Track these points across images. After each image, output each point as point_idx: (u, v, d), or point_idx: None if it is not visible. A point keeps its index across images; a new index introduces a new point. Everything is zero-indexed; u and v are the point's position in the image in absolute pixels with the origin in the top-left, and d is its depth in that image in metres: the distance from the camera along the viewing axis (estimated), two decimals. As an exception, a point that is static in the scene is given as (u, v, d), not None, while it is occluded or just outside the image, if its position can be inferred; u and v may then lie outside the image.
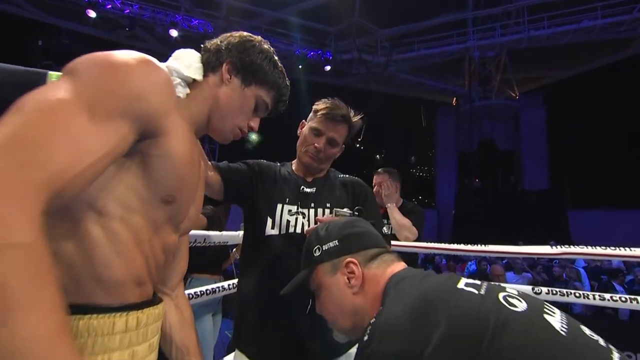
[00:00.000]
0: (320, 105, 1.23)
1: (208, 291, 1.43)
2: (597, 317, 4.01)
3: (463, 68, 15.25)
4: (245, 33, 0.80)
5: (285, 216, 1.13)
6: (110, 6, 10.37)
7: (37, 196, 0.40)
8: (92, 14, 10.17)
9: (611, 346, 0.58)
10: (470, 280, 0.65)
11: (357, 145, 19.98)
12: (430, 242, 1.97)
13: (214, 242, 1.45)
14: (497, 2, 13.14)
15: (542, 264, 6.44)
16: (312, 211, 1.14)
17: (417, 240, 2.00)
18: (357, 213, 1.14)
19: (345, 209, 1.11)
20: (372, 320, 0.61)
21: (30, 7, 10.66)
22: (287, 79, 0.83)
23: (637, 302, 1.71)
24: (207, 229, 1.70)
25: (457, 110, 16.60)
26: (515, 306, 0.58)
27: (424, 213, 2.19)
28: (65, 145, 0.44)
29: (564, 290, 1.69)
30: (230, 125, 0.76)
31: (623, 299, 1.65)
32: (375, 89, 15.73)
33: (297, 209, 1.15)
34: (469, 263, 6.58)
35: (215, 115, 0.74)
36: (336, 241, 0.78)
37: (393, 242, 1.91)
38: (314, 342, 1.07)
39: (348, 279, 0.73)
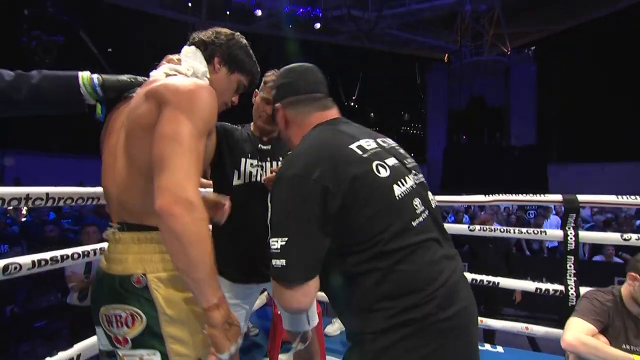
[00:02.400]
0: (269, 76, 1.45)
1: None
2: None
3: (456, 23, 15.06)
4: (228, 31, 1.06)
5: (248, 168, 1.42)
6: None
7: (197, 186, 0.78)
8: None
9: (427, 211, 0.89)
10: (364, 143, 0.89)
11: (352, 104, 19.99)
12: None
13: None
14: (491, -49, 12.75)
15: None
16: (268, 164, 1.45)
17: None
18: None
19: None
20: (287, 159, 0.90)
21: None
22: (257, 65, 1.11)
23: (546, 234, 2.24)
24: None
25: (448, 67, 16.57)
26: (379, 172, 0.84)
27: None
28: (195, 157, 0.79)
29: (491, 227, 2.21)
30: (220, 102, 1.00)
31: (533, 231, 2.18)
32: (367, 46, 15.58)
33: (257, 162, 1.44)
34: (449, 215, 7.23)
35: None
36: (275, 91, 1.04)
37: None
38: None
39: (281, 119, 1.01)
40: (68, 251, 1.18)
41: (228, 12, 12.44)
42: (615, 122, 13.33)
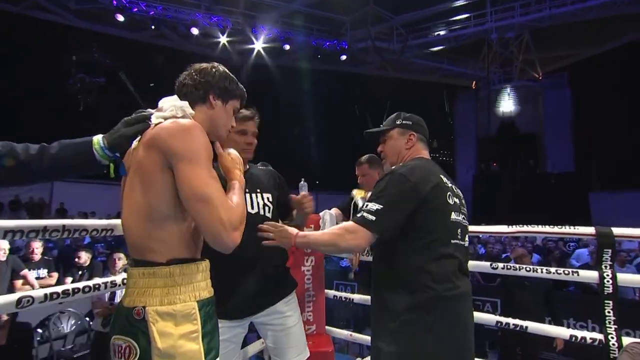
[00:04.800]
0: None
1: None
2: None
3: (483, 51, 14.99)
4: (207, 65, 1.11)
5: None
6: (136, 9, 11.02)
7: (235, 212, 0.95)
8: (120, 17, 10.88)
9: (462, 242, 1.31)
10: (445, 178, 1.32)
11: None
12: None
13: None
14: (516, -20, 12.81)
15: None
16: (247, 195, 1.46)
17: None
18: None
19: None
20: (401, 165, 1.36)
21: (64, 12, 11.50)
22: (239, 83, 1.15)
23: (578, 275, 2.06)
24: None
25: (476, 94, 16.36)
26: (449, 198, 1.27)
27: None
28: (220, 191, 0.93)
29: (516, 265, 2.06)
30: (224, 131, 1.12)
31: (564, 272, 2.00)
32: (393, 76, 15.78)
33: None
34: (478, 246, 6.89)
35: (215, 129, 1.09)
36: (410, 122, 1.46)
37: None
38: (261, 296, 1.43)
39: (407, 141, 1.43)
40: (80, 284, 1.23)
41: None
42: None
